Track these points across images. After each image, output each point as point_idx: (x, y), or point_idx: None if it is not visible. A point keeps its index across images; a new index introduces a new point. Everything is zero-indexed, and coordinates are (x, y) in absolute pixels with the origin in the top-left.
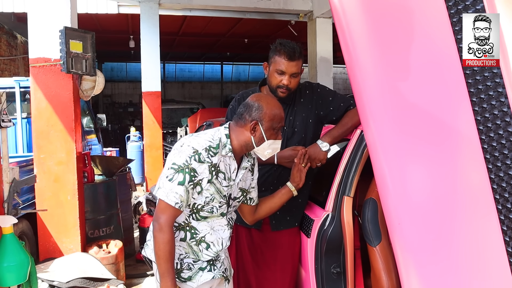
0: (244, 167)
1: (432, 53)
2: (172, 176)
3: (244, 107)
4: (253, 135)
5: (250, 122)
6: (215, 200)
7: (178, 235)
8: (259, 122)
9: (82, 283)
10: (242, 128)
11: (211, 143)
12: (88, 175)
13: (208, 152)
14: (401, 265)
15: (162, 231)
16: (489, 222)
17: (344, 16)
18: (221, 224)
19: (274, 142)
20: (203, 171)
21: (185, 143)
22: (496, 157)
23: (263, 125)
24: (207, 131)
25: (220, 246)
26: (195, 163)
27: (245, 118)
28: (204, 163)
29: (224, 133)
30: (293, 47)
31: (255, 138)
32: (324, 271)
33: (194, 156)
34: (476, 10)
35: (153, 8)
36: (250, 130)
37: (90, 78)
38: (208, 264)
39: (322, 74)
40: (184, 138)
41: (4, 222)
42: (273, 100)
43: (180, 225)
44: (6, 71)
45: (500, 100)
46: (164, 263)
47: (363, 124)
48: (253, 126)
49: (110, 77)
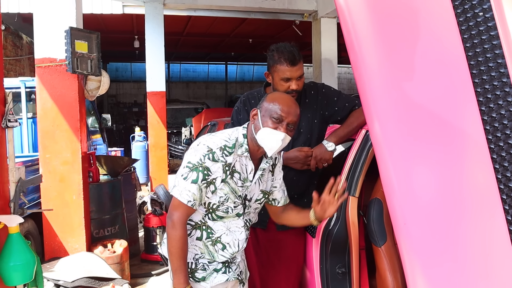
0: (262, 168)
1: (438, 52)
2: (186, 175)
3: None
4: (252, 122)
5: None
6: (230, 200)
7: (194, 234)
8: (258, 109)
9: (87, 283)
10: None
11: (227, 143)
12: (93, 175)
13: (222, 151)
14: (406, 265)
15: (174, 228)
16: (495, 222)
17: (350, 15)
18: (237, 226)
19: (272, 132)
20: (216, 170)
21: (202, 142)
22: (503, 157)
23: (261, 112)
24: (226, 130)
25: (236, 248)
26: (209, 162)
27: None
28: (218, 162)
29: (241, 133)
30: (291, 51)
31: (254, 126)
32: (329, 271)
33: (208, 155)
34: (483, 9)
35: (158, 8)
36: (251, 118)
37: (95, 78)
38: (223, 265)
39: (326, 74)
40: (201, 137)
41: (10, 221)
42: (281, 95)
43: (197, 224)
44: (11, 71)
45: (507, 100)
46: (176, 259)
47: (368, 123)
48: (253, 114)
49: (115, 77)
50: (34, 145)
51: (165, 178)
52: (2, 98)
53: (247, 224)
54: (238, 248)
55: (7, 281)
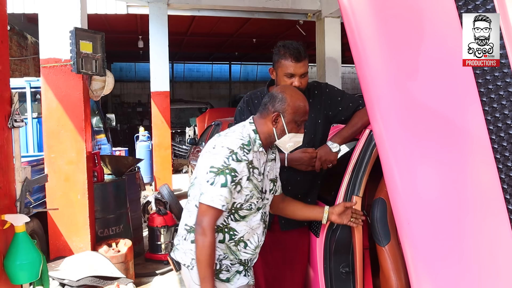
0: (270, 159)
1: (442, 52)
2: (213, 180)
3: (268, 97)
4: (274, 126)
5: (272, 113)
6: (254, 196)
7: (216, 237)
8: (281, 113)
9: (92, 282)
10: (265, 119)
11: (243, 141)
12: (97, 174)
13: (243, 150)
14: (410, 265)
15: (205, 234)
16: (499, 222)
17: (353, 15)
18: (256, 220)
19: (296, 136)
20: (242, 170)
21: (217, 144)
22: (506, 157)
23: (285, 117)
24: (233, 128)
25: (256, 243)
26: (234, 163)
27: (268, 108)
28: (242, 161)
29: (251, 129)
30: (297, 48)
31: (277, 130)
32: (333, 270)
33: (231, 156)
34: (486, 10)
35: (162, 9)
36: (272, 121)
37: (99, 78)
38: (243, 269)
39: (330, 73)
40: (213, 140)
41: (16, 220)
42: (297, 93)
43: (219, 227)
44: (16, 71)
45: (511, 100)
46: (205, 267)
47: (372, 123)
48: (275, 118)
49: (119, 77)
50: (39, 145)
51: (169, 177)
52: (8, 98)
53: (263, 217)
54: (258, 243)
55: (14, 279)
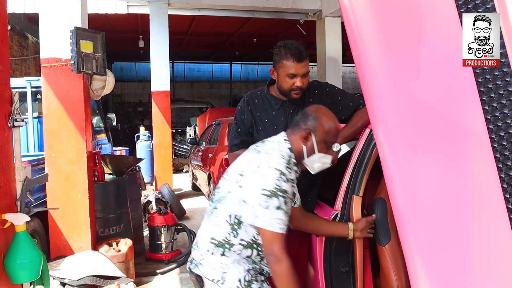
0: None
1: (442, 52)
2: (266, 203)
3: (301, 115)
4: (304, 144)
5: (303, 130)
6: (290, 211)
7: (244, 253)
8: (312, 132)
9: (92, 281)
10: (296, 136)
11: (285, 160)
12: (98, 174)
13: (288, 170)
14: (410, 264)
15: (280, 261)
16: (499, 221)
17: (354, 14)
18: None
19: (325, 156)
20: (290, 189)
21: (262, 164)
22: (506, 156)
23: (316, 136)
24: (270, 145)
25: None
26: (284, 184)
27: (300, 126)
28: (289, 181)
29: (287, 147)
30: (298, 48)
31: (307, 148)
32: (333, 270)
33: (281, 177)
34: (486, 9)
35: (162, 8)
36: (302, 139)
37: (100, 78)
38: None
39: (331, 73)
40: (254, 157)
41: (17, 220)
42: (330, 113)
43: (248, 243)
44: (17, 71)
45: (510, 99)
46: None
47: (372, 123)
48: (305, 135)
49: (120, 76)
50: (39, 144)
51: (169, 177)
52: (9, 97)
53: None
54: None
55: (14, 278)
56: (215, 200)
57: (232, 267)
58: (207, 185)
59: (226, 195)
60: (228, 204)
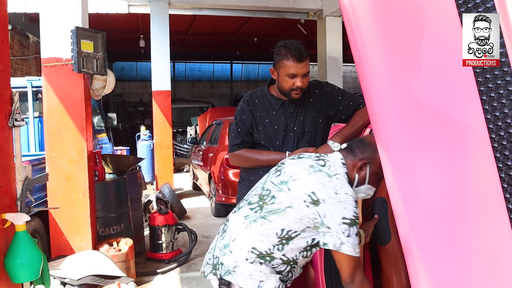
0: None
1: (442, 51)
2: (348, 232)
3: (360, 142)
4: (358, 173)
5: (359, 160)
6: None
7: (279, 268)
8: (368, 163)
9: (93, 281)
10: (352, 162)
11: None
12: (99, 173)
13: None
14: (410, 264)
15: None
16: (499, 221)
17: (354, 14)
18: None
19: (371, 189)
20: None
21: (339, 190)
22: (506, 156)
23: (371, 168)
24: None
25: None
26: (356, 210)
27: (357, 154)
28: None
29: (344, 171)
30: (298, 48)
31: (359, 178)
32: (333, 270)
33: (356, 205)
34: (486, 8)
35: (163, 8)
36: (357, 168)
37: (101, 78)
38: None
39: (331, 72)
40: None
41: (17, 219)
42: None
43: (288, 260)
44: (18, 70)
45: (511, 99)
46: None
47: (372, 122)
48: (361, 165)
49: (121, 76)
50: (40, 144)
51: (170, 177)
52: (9, 97)
53: None
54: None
55: (14, 278)
56: (267, 209)
57: (271, 276)
58: (207, 184)
59: (286, 210)
60: (285, 219)
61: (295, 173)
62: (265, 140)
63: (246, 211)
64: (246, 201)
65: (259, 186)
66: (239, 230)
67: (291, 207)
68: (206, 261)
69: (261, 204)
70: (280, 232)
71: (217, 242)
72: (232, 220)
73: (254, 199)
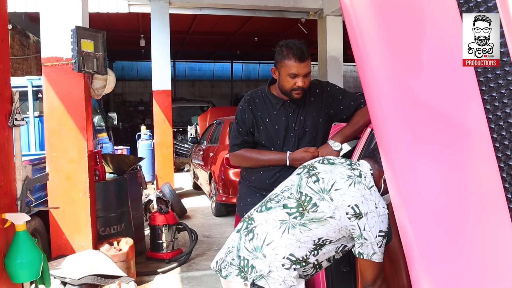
0: None
1: (443, 50)
2: (381, 243)
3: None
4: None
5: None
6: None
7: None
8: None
9: (93, 280)
10: (378, 172)
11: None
12: (99, 173)
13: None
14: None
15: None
16: (500, 221)
17: (354, 13)
18: None
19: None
20: None
21: (379, 204)
22: (508, 156)
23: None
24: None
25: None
26: (389, 221)
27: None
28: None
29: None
30: (300, 48)
31: (384, 187)
32: (334, 269)
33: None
34: (488, 7)
35: (164, 7)
36: (383, 178)
37: (101, 77)
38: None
39: (332, 72)
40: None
41: (17, 219)
42: None
43: (319, 265)
44: (19, 70)
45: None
46: None
47: (373, 122)
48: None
49: (121, 76)
50: (41, 143)
51: (171, 176)
52: (9, 97)
53: None
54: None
55: (14, 278)
56: (308, 217)
57: (301, 281)
58: (208, 184)
59: (328, 220)
60: (325, 229)
61: (335, 182)
62: (266, 140)
63: (282, 215)
64: (278, 203)
65: (294, 189)
66: (274, 234)
67: (333, 217)
68: (228, 262)
69: (301, 210)
70: (317, 240)
71: (242, 242)
72: (260, 220)
73: (291, 203)
